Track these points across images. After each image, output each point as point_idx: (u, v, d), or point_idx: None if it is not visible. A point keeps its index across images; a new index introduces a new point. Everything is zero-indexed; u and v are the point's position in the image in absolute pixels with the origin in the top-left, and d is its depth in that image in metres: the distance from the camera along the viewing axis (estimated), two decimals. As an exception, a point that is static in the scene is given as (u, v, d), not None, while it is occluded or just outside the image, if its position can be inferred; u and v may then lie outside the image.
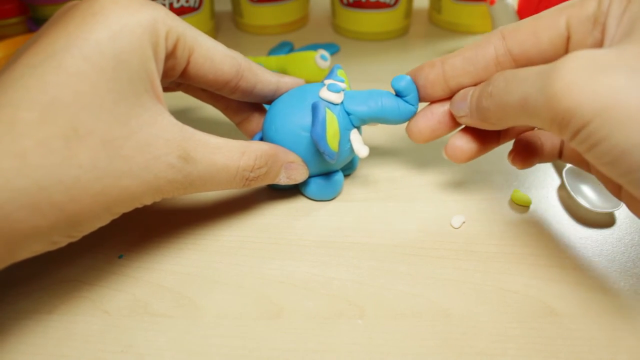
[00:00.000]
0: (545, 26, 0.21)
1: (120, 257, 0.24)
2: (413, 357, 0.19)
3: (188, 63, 0.22)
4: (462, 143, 0.24)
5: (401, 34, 0.49)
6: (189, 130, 0.21)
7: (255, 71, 0.25)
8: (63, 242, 0.19)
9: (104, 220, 0.19)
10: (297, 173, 0.26)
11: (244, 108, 0.29)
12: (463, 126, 0.25)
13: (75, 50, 0.17)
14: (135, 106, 0.19)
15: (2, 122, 0.16)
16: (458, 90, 0.24)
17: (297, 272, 0.23)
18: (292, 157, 0.25)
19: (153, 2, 0.20)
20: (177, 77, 0.23)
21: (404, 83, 0.25)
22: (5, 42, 0.38)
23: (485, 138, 0.25)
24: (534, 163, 0.25)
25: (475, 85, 0.23)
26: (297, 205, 0.27)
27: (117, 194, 0.18)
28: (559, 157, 0.25)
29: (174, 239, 0.25)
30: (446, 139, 0.25)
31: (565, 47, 0.21)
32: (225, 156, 0.22)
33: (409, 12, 0.48)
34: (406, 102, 0.25)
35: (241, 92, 0.25)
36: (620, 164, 0.16)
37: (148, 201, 0.20)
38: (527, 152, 0.25)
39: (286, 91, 0.27)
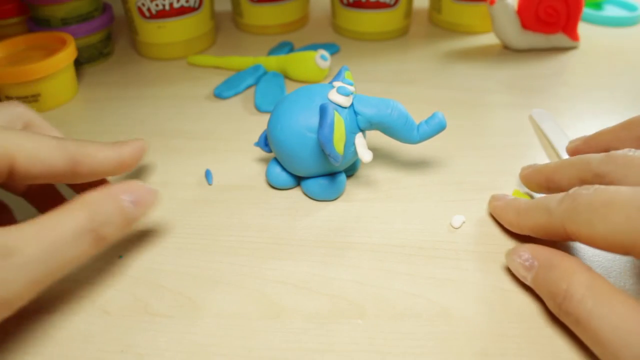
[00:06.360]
0: None
1: (120, 257, 0.24)
2: (413, 357, 0.19)
3: (13, 172, 0.21)
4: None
5: (401, 34, 0.49)
6: (3, 228, 0.18)
7: (90, 153, 0.23)
8: None
9: None
10: (146, 196, 0.22)
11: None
12: None
13: None
14: None
15: None
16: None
17: (297, 272, 0.23)
18: (124, 186, 0.22)
19: None
20: (4, 180, 0.21)
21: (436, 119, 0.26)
22: (5, 42, 0.38)
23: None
24: None
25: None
26: (297, 205, 0.27)
27: None
28: None
29: (173, 239, 0.25)
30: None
31: None
32: (55, 225, 0.19)
33: (409, 12, 0.48)
34: (419, 125, 0.26)
35: (82, 176, 0.23)
36: None
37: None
38: None
39: (129, 159, 0.25)
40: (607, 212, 0.18)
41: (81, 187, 0.26)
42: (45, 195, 0.26)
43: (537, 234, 0.22)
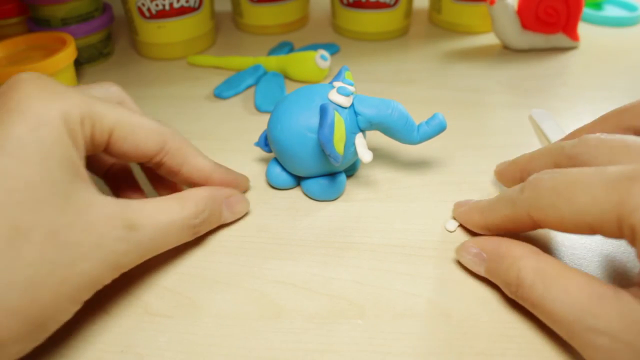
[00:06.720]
0: None
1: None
2: (413, 357, 0.19)
3: (109, 143, 0.22)
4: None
5: (401, 34, 0.49)
6: (125, 200, 0.20)
7: (184, 151, 0.24)
8: (27, 349, 0.18)
9: (69, 314, 0.19)
10: (239, 206, 0.26)
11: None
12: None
13: None
14: (70, 192, 0.18)
15: None
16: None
17: (297, 272, 0.23)
18: (227, 191, 0.25)
19: (66, 90, 0.20)
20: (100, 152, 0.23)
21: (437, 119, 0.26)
22: (5, 42, 0.38)
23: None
24: None
25: None
26: (297, 205, 0.27)
27: (76, 281, 0.18)
28: None
29: (174, 239, 0.25)
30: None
31: None
32: (167, 211, 0.21)
33: (409, 12, 0.48)
34: (419, 125, 0.26)
35: (166, 169, 0.24)
36: None
37: (108, 280, 0.20)
38: None
39: (217, 181, 0.26)
40: (572, 193, 0.18)
41: (156, 178, 0.27)
42: (122, 180, 0.27)
43: (505, 229, 0.22)
